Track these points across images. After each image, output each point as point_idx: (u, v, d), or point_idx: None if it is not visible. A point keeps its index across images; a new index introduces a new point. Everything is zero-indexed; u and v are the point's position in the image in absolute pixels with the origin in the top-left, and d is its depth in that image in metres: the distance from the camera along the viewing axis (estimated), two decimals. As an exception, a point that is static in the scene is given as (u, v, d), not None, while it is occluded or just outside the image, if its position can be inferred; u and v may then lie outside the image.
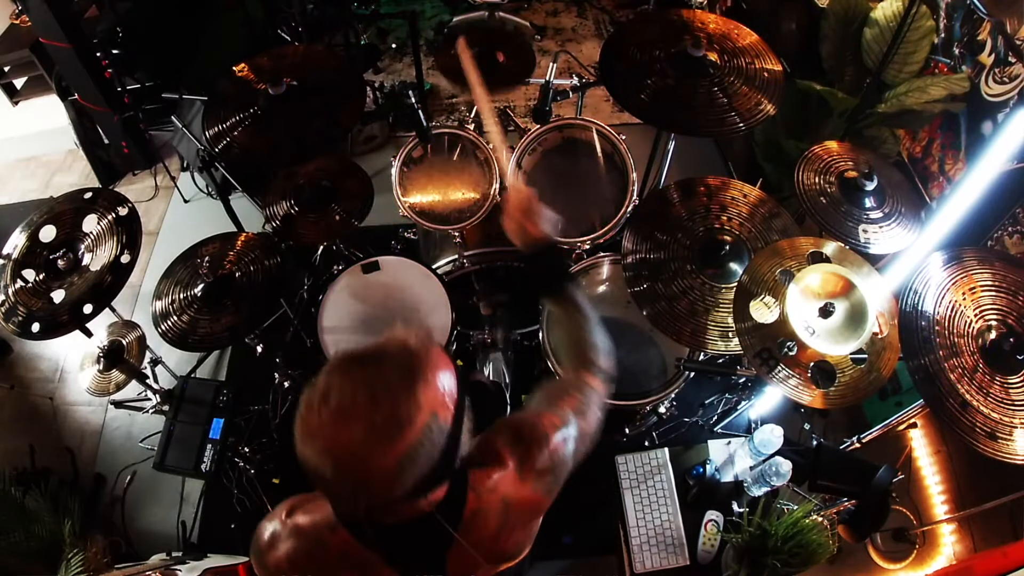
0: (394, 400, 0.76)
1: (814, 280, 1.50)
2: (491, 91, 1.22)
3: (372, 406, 0.76)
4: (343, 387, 0.77)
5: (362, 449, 0.75)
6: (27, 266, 1.92)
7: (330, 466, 0.76)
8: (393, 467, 0.76)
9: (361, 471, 0.76)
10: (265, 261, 2.03)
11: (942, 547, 2.19)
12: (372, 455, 0.75)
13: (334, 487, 0.80)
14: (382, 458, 0.75)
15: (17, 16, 3.81)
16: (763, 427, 1.77)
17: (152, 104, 3.30)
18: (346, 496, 0.80)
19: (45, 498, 2.19)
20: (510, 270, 2.44)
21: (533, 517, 1.03)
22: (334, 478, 0.77)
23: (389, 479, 0.77)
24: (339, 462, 0.76)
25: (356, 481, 0.77)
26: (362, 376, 0.77)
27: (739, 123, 1.82)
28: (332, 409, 0.76)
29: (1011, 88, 1.68)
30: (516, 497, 0.97)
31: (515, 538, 1.00)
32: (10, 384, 2.91)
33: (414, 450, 0.77)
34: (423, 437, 0.77)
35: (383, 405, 0.76)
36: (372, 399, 0.76)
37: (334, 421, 0.76)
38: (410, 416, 0.76)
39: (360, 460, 0.75)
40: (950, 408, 1.30)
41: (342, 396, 0.76)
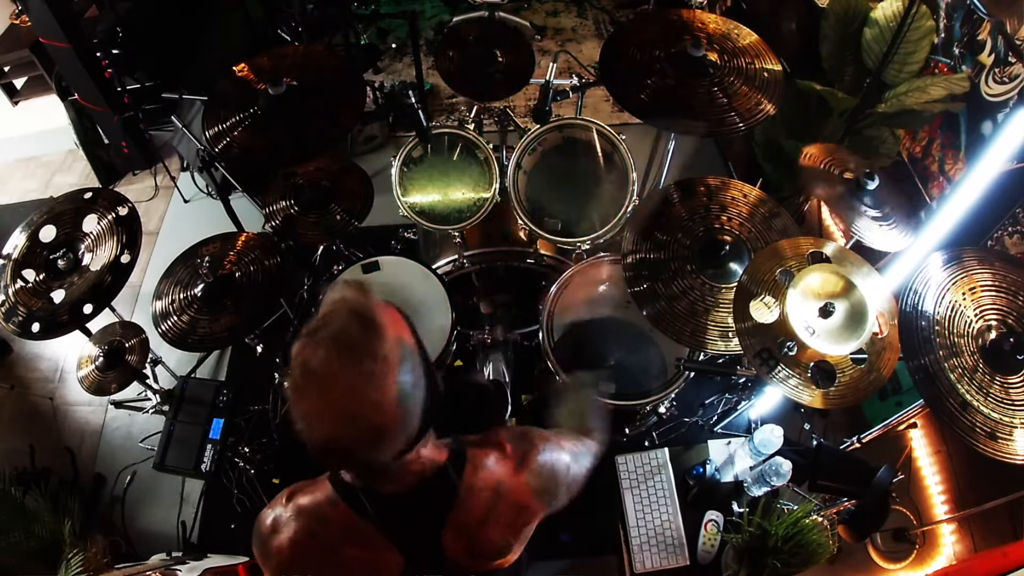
0: (366, 344, 0.81)
1: (814, 280, 1.50)
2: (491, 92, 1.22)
3: (351, 358, 0.80)
4: (317, 357, 0.80)
5: (361, 398, 0.80)
6: (27, 266, 1.92)
7: (340, 428, 0.80)
8: (395, 400, 0.81)
9: (369, 419, 0.80)
10: (265, 261, 2.03)
11: (942, 547, 2.19)
12: (371, 398, 0.80)
13: (348, 451, 0.83)
14: (383, 395, 0.80)
15: (17, 16, 3.81)
16: (763, 427, 1.77)
17: (152, 104, 3.30)
18: (361, 451, 0.83)
19: (45, 498, 2.19)
20: (510, 270, 2.44)
21: (521, 515, 1.03)
22: (347, 439, 0.81)
23: (396, 415, 0.82)
24: (346, 419, 0.80)
25: (368, 432, 0.81)
26: (328, 340, 0.81)
27: (739, 123, 1.82)
28: (318, 378, 0.80)
29: (1011, 88, 1.68)
30: (509, 485, 1.00)
31: (500, 531, 1.00)
32: (10, 384, 2.91)
33: (404, 377, 0.83)
34: (405, 362, 0.83)
35: (358, 351, 0.81)
36: (348, 352, 0.80)
37: (324, 388, 0.80)
38: (385, 350, 0.82)
39: (364, 408, 0.80)
40: (950, 408, 1.30)
41: (320, 364, 0.80)
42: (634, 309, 1.83)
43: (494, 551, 1.01)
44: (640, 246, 1.87)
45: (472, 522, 0.97)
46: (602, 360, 2.20)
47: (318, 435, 0.82)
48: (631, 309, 2.15)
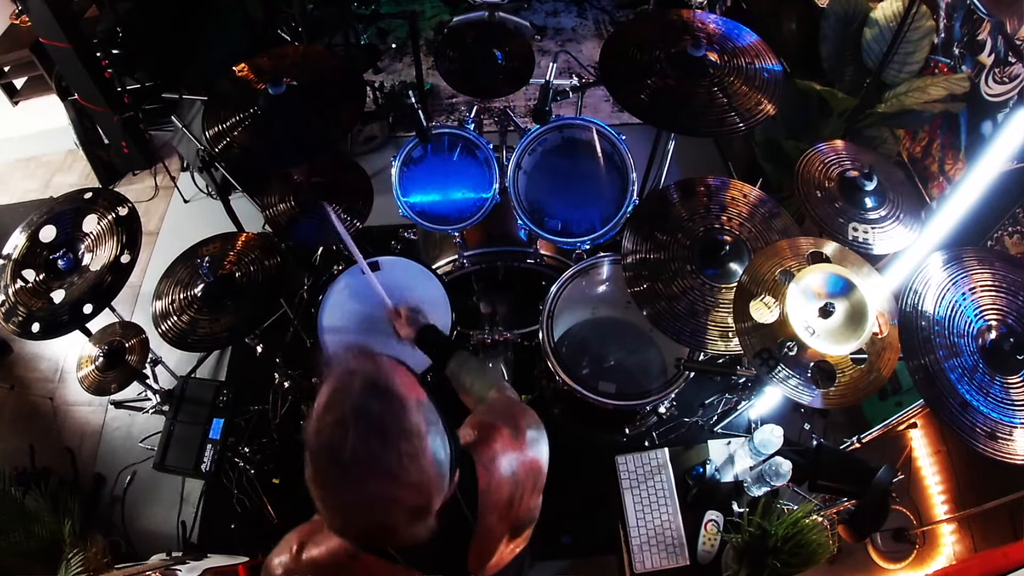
0: (393, 422, 0.77)
1: (814, 280, 1.50)
2: (491, 92, 1.22)
3: (383, 442, 0.75)
4: (346, 446, 0.74)
5: (403, 482, 0.76)
6: (27, 266, 1.92)
7: (383, 515, 0.77)
8: (433, 473, 0.78)
9: (413, 501, 0.77)
10: (265, 261, 2.03)
11: (942, 547, 2.19)
12: (413, 480, 0.76)
13: (391, 533, 0.79)
14: (422, 474, 0.77)
15: (17, 16, 3.81)
16: (763, 427, 1.77)
17: (152, 104, 3.30)
18: (405, 530, 0.79)
19: (45, 498, 2.19)
20: (510, 270, 2.44)
21: (538, 478, 1.06)
22: (391, 523, 0.77)
23: (436, 486, 0.79)
24: (389, 506, 0.76)
25: (412, 511, 0.78)
26: (352, 423, 0.75)
27: (739, 123, 1.82)
28: (351, 469, 0.74)
29: (1011, 88, 1.68)
30: (519, 460, 1.02)
31: (527, 503, 1.03)
32: (10, 384, 2.91)
33: (436, 442, 0.79)
34: (431, 427, 0.79)
35: (389, 433, 0.76)
36: (378, 435, 0.75)
37: (361, 478, 0.75)
38: (414, 423, 0.77)
39: (406, 491, 0.76)
40: (950, 408, 1.30)
41: (351, 453, 0.74)
42: (634, 309, 1.83)
43: (526, 521, 1.05)
44: (640, 246, 1.87)
45: (500, 509, 0.98)
46: (602, 360, 2.21)
47: (358, 524, 0.78)
48: (631, 309, 2.16)
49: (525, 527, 1.06)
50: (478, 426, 1.06)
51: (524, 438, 1.04)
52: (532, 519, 1.07)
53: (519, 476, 1.01)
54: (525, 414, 1.10)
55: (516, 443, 1.03)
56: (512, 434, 1.04)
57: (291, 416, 2.52)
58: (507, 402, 1.18)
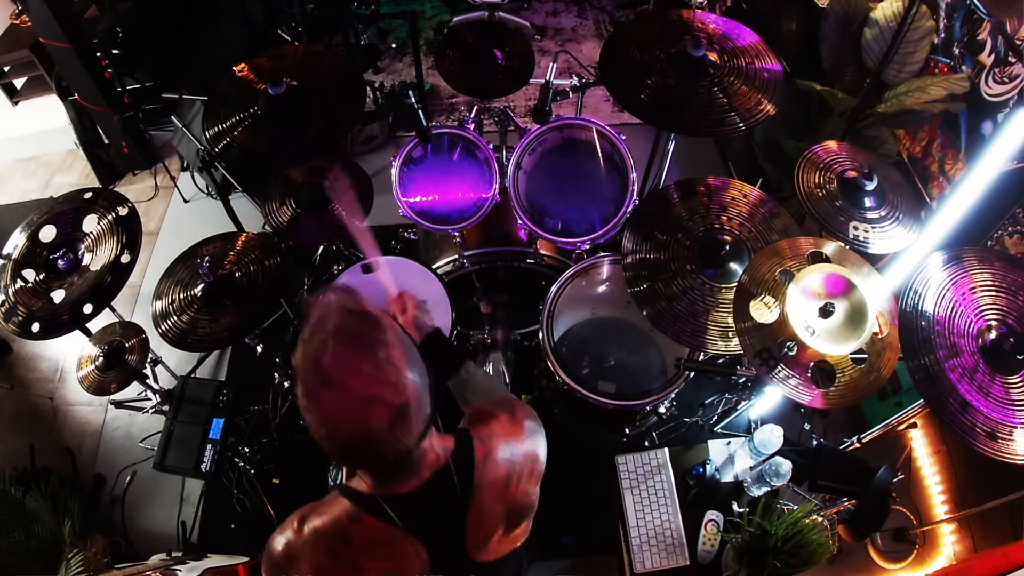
0: (369, 332, 0.84)
1: (814, 280, 1.50)
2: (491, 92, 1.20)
3: (360, 348, 0.83)
4: (325, 356, 0.81)
5: (381, 382, 0.82)
6: (27, 266, 1.92)
7: (366, 417, 0.81)
8: (409, 378, 0.84)
9: (392, 400, 0.82)
10: (265, 261, 2.03)
11: (942, 547, 2.19)
12: (390, 379, 0.82)
13: (377, 440, 0.83)
14: (399, 375, 0.83)
15: (17, 16, 3.81)
16: (763, 427, 1.77)
17: (152, 104, 3.30)
18: (390, 437, 0.84)
19: (45, 498, 2.19)
20: (510, 270, 2.44)
21: (534, 469, 1.07)
22: (375, 427, 0.82)
23: (414, 393, 0.84)
24: (370, 406, 0.81)
25: (393, 413, 0.82)
26: (331, 338, 0.82)
27: (739, 123, 1.82)
28: (333, 375, 0.81)
29: (1011, 88, 1.68)
30: (516, 445, 1.04)
31: (523, 488, 1.05)
32: (10, 384, 2.91)
33: (411, 357, 0.86)
34: (406, 345, 0.87)
35: (365, 340, 0.83)
36: (355, 343, 0.83)
37: (342, 382, 0.81)
38: (388, 336, 0.85)
39: (385, 390, 0.82)
40: (950, 408, 1.30)
41: (331, 361, 0.81)
42: (634, 309, 1.83)
43: (524, 506, 1.06)
44: (640, 246, 1.87)
45: (497, 487, 1.00)
46: (602, 360, 2.21)
47: (345, 431, 0.82)
48: (631, 309, 2.16)
49: (523, 515, 1.07)
50: (476, 411, 1.11)
51: (522, 427, 1.07)
52: (530, 506, 1.08)
53: (516, 459, 1.03)
54: (523, 406, 1.12)
55: (513, 429, 1.05)
56: (509, 419, 1.06)
57: (291, 416, 2.52)
58: (502, 396, 1.20)
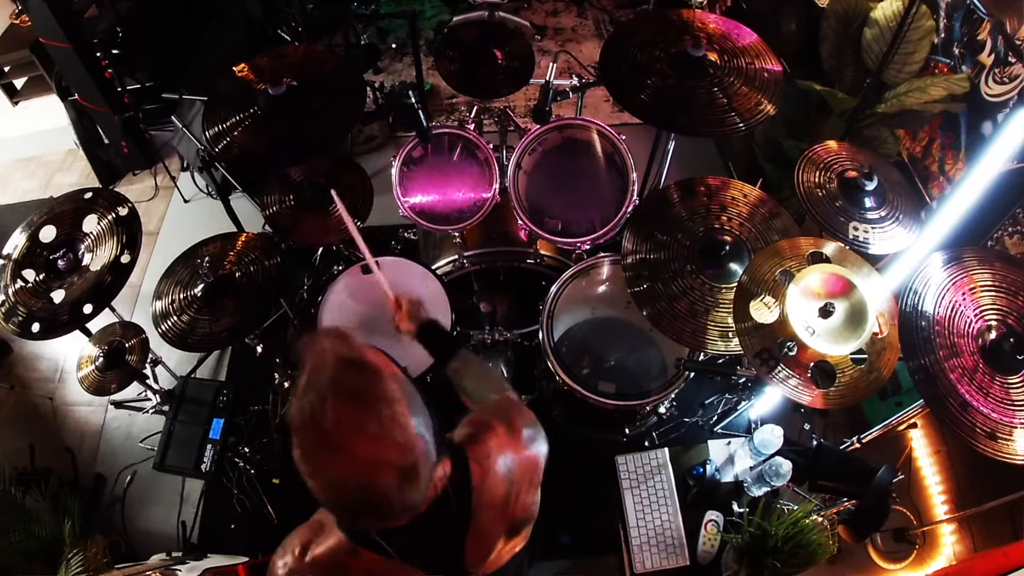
0: (370, 388, 0.80)
1: (814, 280, 1.50)
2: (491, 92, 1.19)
3: (363, 407, 0.78)
4: (326, 416, 0.77)
5: (387, 444, 0.78)
6: (27, 266, 1.92)
7: (373, 481, 0.78)
8: (415, 435, 0.80)
9: (400, 463, 0.79)
10: (265, 261, 2.03)
11: (942, 547, 2.19)
12: (397, 441, 0.79)
13: (384, 502, 0.80)
14: (406, 434, 0.79)
15: (17, 16, 3.81)
16: (763, 427, 1.77)
17: (152, 104, 3.30)
18: (399, 498, 0.80)
19: (45, 498, 2.19)
20: (510, 270, 2.44)
21: (535, 475, 1.06)
22: (383, 490, 0.78)
23: (421, 450, 0.81)
24: (378, 470, 0.78)
25: (402, 475, 0.79)
26: (330, 394, 0.78)
27: (739, 123, 1.82)
28: (336, 438, 0.77)
29: (1011, 88, 1.68)
30: (514, 459, 1.02)
31: (523, 501, 1.03)
32: (10, 384, 2.91)
33: (415, 409, 0.82)
34: (408, 395, 0.83)
35: (367, 398, 0.79)
36: (357, 401, 0.78)
37: (345, 445, 0.77)
38: (390, 389, 0.81)
39: (392, 452, 0.78)
40: (950, 408, 1.30)
41: (333, 422, 0.77)
42: (634, 309, 1.83)
43: (524, 520, 1.05)
44: (640, 246, 1.87)
45: (496, 507, 0.99)
46: (602, 360, 2.21)
47: (351, 496, 0.79)
48: (631, 309, 2.16)
49: (523, 526, 1.06)
50: (472, 424, 1.07)
51: (520, 436, 1.05)
52: (530, 517, 1.07)
53: (515, 474, 1.01)
54: (521, 413, 1.10)
55: (512, 440, 1.03)
56: (507, 432, 1.04)
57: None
58: (504, 402, 1.18)
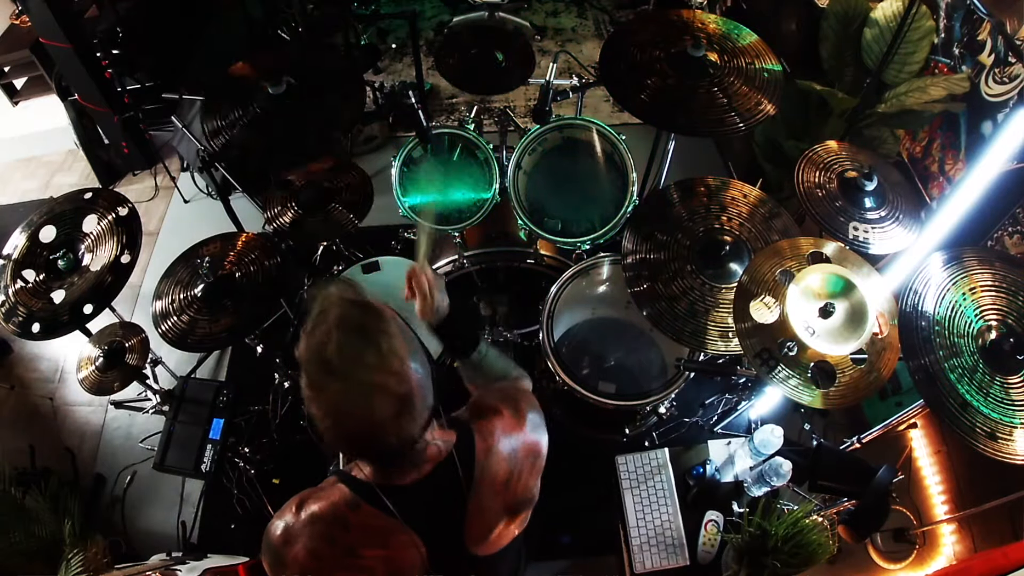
0: (372, 322, 0.85)
1: (814, 280, 1.50)
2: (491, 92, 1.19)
3: (363, 337, 0.83)
4: (329, 346, 0.82)
5: (385, 371, 0.83)
6: (27, 266, 1.92)
7: (370, 407, 0.82)
8: (412, 368, 0.85)
9: (397, 389, 0.83)
10: (265, 261, 2.03)
11: (942, 547, 2.19)
12: (394, 368, 0.83)
13: (380, 430, 0.84)
14: (403, 365, 0.84)
15: (17, 16, 3.81)
16: (763, 427, 1.77)
17: (152, 104, 3.30)
18: (394, 427, 0.84)
19: (45, 498, 2.19)
20: (510, 270, 2.44)
21: (537, 460, 1.07)
22: (378, 417, 0.83)
23: (418, 383, 0.86)
24: (374, 395, 0.82)
25: (397, 403, 0.83)
26: (334, 328, 0.83)
27: (739, 123, 1.82)
28: (337, 365, 0.82)
29: (1011, 88, 1.68)
30: (519, 442, 1.04)
31: (524, 483, 1.05)
32: (10, 384, 2.91)
33: (414, 347, 0.87)
34: (408, 336, 0.89)
35: (368, 330, 0.84)
36: (358, 332, 0.83)
37: (346, 372, 0.82)
38: (391, 326, 0.86)
39: (389, 379, 0.83)
40: (950, 408, 1.30)
41: (335, 351, 0.82)
42: (634, 309, 1.83)
43: (524, 500, 1.06)
44: (640, 246, 1.87)
45: (496, 484, 1.00)
46: (602, 360, 2.21)
47: (350, 421, 0.83)
48: (631, 309, 2.16)
49: (523, 508, 1.07)
50: (479, 405, 1.09)
51: (524, 420, 1.06)
52: (531, 500, 1.08)
53: (518, 455, 1.03)
54: (527, 398, 1.12)
55: (516, 423, 1.05)
56: (513, 414, 1.06)
57: (291, 416, 2.52)
58: (510, 388, 1.19)
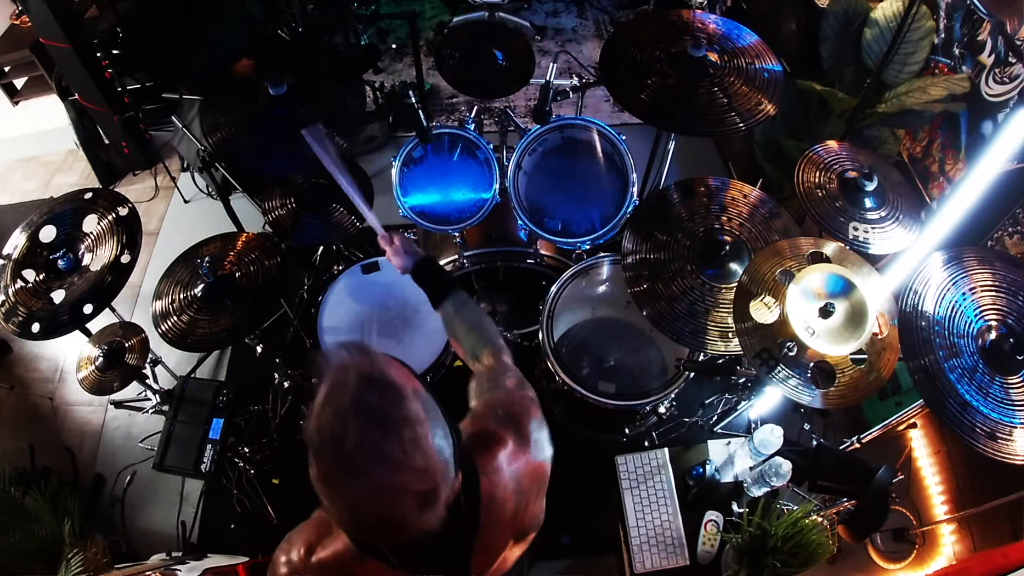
0: (392, 410, 0.77)
1: (814, 280, 1.50)
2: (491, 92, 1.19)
3: (385, 431, 0.75)
4: (347, 439, 0.74)
5: (408, 470, 0.76)
6: (27, 266, 1.92)
7: (393, 506, 0.76)
8: (437, 459, 0.78)
9: (420, 488, 0.77)
10: (265, 261, 2.03)
11: (942, 547, 2.19)
12: (418, 466, 0.76)
13: (401, 524, 0.78)
14: (427, 459, 0.77)
15: (17, 16, 3.81)
16: (763, 427, 1.77)
17: (152, 104, 3.30)
18: (415, 521, 0.78)
19: (45, 498, 2.19)
20: (510, 270, 2.44)
21: (542, 483, 1.04)
22: (401, 514, 0.77)
23: (441, 473, 0.79)
24: (398, 495, 0.76)
25: (420, 500, 0.77)
26: (351, 416, 0.75)
27: (739, 123, 1.82)
28: (357, 462, 0.74)
29: (1011, 88, 1.68)
30: (523, 470, 0.99)
31: (531, 511, 1.02)
32: (10, 384, 2.91)
33: (437, 430, 0.79)
34: (431, 415, 0.80)
35: (390, 421, 0.76)
36: (379, 424, 0.75)
37: (367, 470, 0.75)
38: (413, 411, 0.78)
39: (413, 478, 0.76)
40: (950, 408, 1.30)
41: (355, 446, 0.74)
42: (634, 309, 1.83)
43: (531, 527, 1.04)
44: (640, 246, 1.87)
45: (504, 521, 0.97)
46: (602, 360, 2.21)
47: (370, 520, 0.78)
48: (631, 309, 2.16)
49: (530, 532, 1.05)
50: (480, 432, 1.02)
51: (529, 443, 1.01)
52: (537, 525, 1.05)
53: (523, 486, 0.99)
54: (528, 412, 1.06)
55: (521, 450, 1.00)
56: (516, 440, 1.00)
57: (291, 416, 2.52)
58: (507, 397, 1.11)
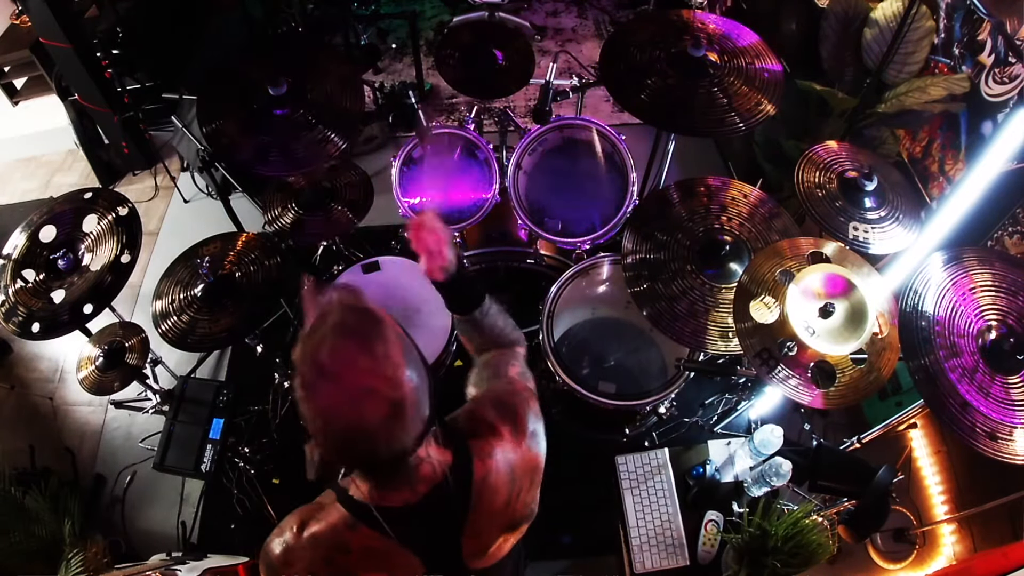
0: (368, 328, 0.84)
1: (814, 280, 1.50)
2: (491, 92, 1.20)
3: (358, 342, 0.82)
4: (324, 350, 0.81)
5: (378, 376, 0.81)
6: (27, 266, 1.92)
7: (361, 411, 0.80)
8: (407, 375, 0.83)
9: (388, 395, 0.81)
10: (265, 261, 2.03)
11: (942, 547, 2.19)
12: (387, 374, 0.82)
13: (371, 437, 0.83)
14: (396, 371, 0.82)
15: (17, 16, 3.81)
16: (763, 427, 1.77)
17: (152, 104, 3.30)
18: (384, 434, 0.83)
19: (45, 498, 2.19)
20: (510, 270, 2.44)
21: (536, 474, 1.06)
22: (369, 422, 0.81)
23: (411, 390, 0.83)
24: (365, 399, 0.80)
25: (388, 409, 0.81)
26: (330, 332, 0.83)
27: (739, 123, 1.82)
28: (330, 369, 0.81)
29: (1011, 88, 1.68)
30: (518, 459, 1.02)
31: (523, 500, 1.04)
32: (10, 384, 2.90)
33: (410, 355, 0.86)
34: (405, 343, 0.87)
35: (364, 335, 0.83)
36: (354, 337, 0.83)
37: (338, 375, 0.80)
38: (387, 332, 0.85)
39: (381, 384, 0.81)
40: (950, 408, 1.30)
41: (329, 354, 0.81)
42: (634, 309, 1.83)
43: (524, 517, 1.05)
44: (640, 246, 1.87)
45: (496, 508, 0.99)
46: (602, 360, 2.21)
47: (339, 425, 0.81)
48: (631, 309, 2.16)
49: (522, 523, 1.06)
50: (476, 418, 1.05)
51: (525, 435, 1.03)
52: (530, 515, 1.06)
53: (517, 474, 1.01)
54: (524, 403, 1.08)
55: (516, 441, 1.02)
56: (512, 431, 1.02)
57: (291, 416, 2.52)
58: (508, 387, 1.13)
